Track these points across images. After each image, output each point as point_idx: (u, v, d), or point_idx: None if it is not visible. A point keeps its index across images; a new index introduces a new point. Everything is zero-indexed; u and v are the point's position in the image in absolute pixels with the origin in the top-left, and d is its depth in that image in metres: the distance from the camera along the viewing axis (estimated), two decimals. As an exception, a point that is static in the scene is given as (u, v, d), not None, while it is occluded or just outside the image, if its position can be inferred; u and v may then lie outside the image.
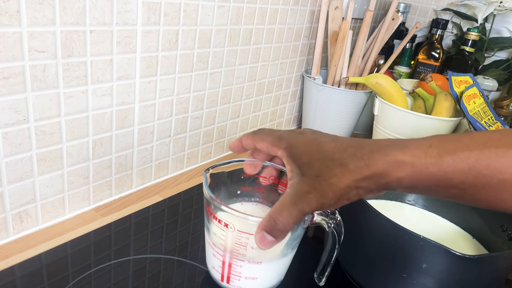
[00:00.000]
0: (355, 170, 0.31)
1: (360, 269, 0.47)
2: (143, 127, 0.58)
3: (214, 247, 0.40)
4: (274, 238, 0.32)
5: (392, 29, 0.86)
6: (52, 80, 0.45)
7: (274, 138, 0.37)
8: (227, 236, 0.38)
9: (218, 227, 0.38)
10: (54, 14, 0.42)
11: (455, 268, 0.39)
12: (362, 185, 0.32)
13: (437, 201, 0.57)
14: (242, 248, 0.38)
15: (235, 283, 0.41)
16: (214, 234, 0.40)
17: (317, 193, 0.31)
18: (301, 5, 0.78)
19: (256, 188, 0.45)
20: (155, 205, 0.59)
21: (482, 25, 1.03)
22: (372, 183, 0.32)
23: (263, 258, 0.39)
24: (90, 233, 0.51)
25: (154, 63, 0.55)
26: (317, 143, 0.35)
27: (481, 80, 0.93)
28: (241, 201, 0.46)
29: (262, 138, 0.38)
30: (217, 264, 0.41)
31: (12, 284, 0.42)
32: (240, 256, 0.39)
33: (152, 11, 0.52)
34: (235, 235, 0.37)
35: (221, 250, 0.40)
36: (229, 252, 0.39)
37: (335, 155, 0.33)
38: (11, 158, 0.44)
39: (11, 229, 0.48)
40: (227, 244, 0.39)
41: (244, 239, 0.37)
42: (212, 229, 0.40)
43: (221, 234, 0.38)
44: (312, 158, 0.33)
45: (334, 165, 0.32)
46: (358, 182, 0.32)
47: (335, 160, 0.32)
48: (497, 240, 0.49)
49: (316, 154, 0.34)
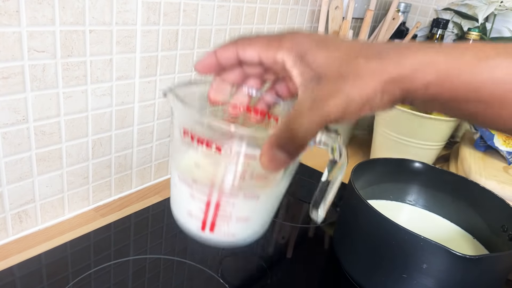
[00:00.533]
0: (383, 70, 0.26)
1: (360, 269, 0.47)
2: (142, 127, 0.58)
3: (193, 185, 0.31)
4: (288, 155, 0.25)
5: (392, 29, 0.86)
6: (52, 80, 0.45)
7: (270, 38, 0.29)
8: (219, 164, 0.29)
9: (205, 156, 0.29)
10: (54, 14, 0.42)
11: (455, 269, 0.39)
12: (389, 88, 0.26)
13: (438, 201, 0.57)
14: (238, 179, 0.29)
15: (221, 229, 0.31)
16: (196, 166, 0.31)
17: (341, 96, 0.25)
18: (301, 4, 0.78)
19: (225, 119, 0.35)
20: (155, 205, 0.58)
21: (483, 25, 1.02)
22: (397, 88, 0.26)
23: (262, 190, 0.31)
24: (90, 233, 0.50)
25: (153, 63, 0.55)
26: (331, 41, 0.28)
27: (481, 80, 0.92)
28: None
29: (250, 41, 0.29)
30: (197, 207, 0.31)
31: (11, 285, 0.42)
32: (234, 191, 0.30)
33: (151, 10, 0.52)
34: (230, 162, 0.29)
35: (205, 186, 0.30)
36: (219, 188, 0.30)
37: (359, 52, 0.27)
38: (11, 158, 0.44)
39: (10, 229, 0.48)
40: (216, 177, 0.30)
41: (243, 166, 0.29)
42: (192, 160, 0.31)
43: (208, 164, 0.30)
44: (330, 57, 0.27)
45: (358, 64, 0.26)
46: (385, 84, 0.26)
47: (359, 58, 0.26)
48: (497, 240, 0.49)
49: (334, 52, 0.27)
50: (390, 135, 0.74)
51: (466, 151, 0.72)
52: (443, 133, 0.72)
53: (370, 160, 0.55)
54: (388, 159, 0.57)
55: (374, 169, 0.56)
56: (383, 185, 0.58)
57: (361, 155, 0.88)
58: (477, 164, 0.67)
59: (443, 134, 0.72)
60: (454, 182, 0.55)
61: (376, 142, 0.79)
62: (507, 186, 0.60)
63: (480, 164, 0.67)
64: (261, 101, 0.33)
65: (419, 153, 0.73)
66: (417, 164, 0.57)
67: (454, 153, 0.79)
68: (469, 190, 0.54)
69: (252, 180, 0.30)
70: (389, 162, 0.57)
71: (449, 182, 0.56)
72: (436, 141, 0.72)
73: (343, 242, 0.49)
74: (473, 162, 0.66)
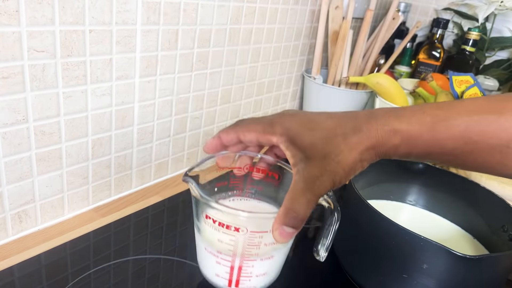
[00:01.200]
0: (359, 143, 0.32)
1: (361, 270, 0.47)
2: (142, 127, 0.58)
3: (218, 255, 0.38)
4: (294, 229, 0.31)
5: (392, 29, 0.86)
6: (51, 79, 0.45)
7: (264, 125, 0.34)
8: (238, 240, 0.36)
9: (226, 234, 0.36)
10: (53, 14, 0.42)
11: (456, 269, 0.39)
12: (366, 156, 0.32)
13: (438, 201, 0.57)
14: (254, 248, 0.36)
15: (245, 284, 0.39)
16: (219, 241, 0.37)
17: (328, 173, 0.31)
18: (301, 4, 0.78)
19: (231, 181, 0.43)
20: (155, 205, 0.58)
21: (483, 25, 1.02)
22: (373, 153, 0.33)
23: (275, 251, 0.38)
24: (90, 234, 0.50)
25: (153, 62, 0.55)
26: (314, 122, 0.34)
27: (482, 79, 0.93)
28: (223, 198, 0.44)
29: (249, 128, 0.35)
30: (222, 270, 0.38)
31: (11, 285, 0.42)
32: (253, 256, 0.37)
33: (151, 10, 0.52)
34: (247, 237, 0.35)
35: (229, 256, 0.37)
36: (240, 255, 0.37)
37: (337, 131, 0.32)
38: (10, 158, 0.44)
39: (10, 230, 0.48)
40: (237, 249, 0.36)
41: (258, 238, 0.36)
42: (215, 237, 0.37)
43: (230, 240, 0.36)
44: (314, 138, 0.32)
45: (338, 142, 0.32)
46: (362, 154, 0.32)
47: (338, 136, 0.32)
48: (498, 240, 0.49)
49: (317, 133, 0.33)
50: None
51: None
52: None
53: (370, 160, 0.55)
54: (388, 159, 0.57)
55: (374, 169, 0.55)
56: (383, 185, 0.58)
57: (361, 155, 0.88)
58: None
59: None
60: (454, 182, 0.55)
61: (376, 142, 0.79)
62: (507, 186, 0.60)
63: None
64: (261, 162, 0.41)
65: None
66: (417, 164, 0.57)
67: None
68: (469, 190, 0.54)
69: (266, 247, 0.37)
70: (389, 162, 0.57)
71: (449, 182, 0.56)
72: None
73: (343, 242, 0.49)
74: (473, 162, 0.66)
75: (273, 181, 0.42)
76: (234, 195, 0.45)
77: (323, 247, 0.39)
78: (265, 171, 0.41)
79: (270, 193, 0.44)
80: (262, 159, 0.40)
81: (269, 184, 0.43)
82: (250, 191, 0.45)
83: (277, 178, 0.42)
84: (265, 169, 0.41)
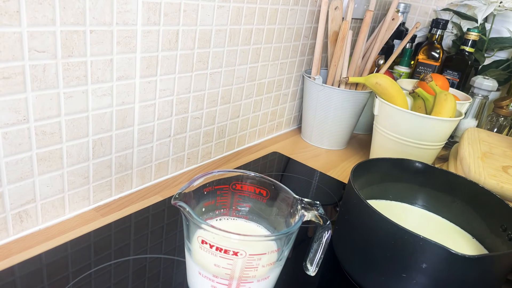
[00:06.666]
0: None
1: (360, 269, 0.47)
2: (143, 127, 0.58)
3: (215, 279, 0.37)
4: None
5: (392, 29, 0.86)
6: (52, 80, 0.45)
7: None
8: (236, 263, 0.35)
9: (223, 258, 0.35)
10: (54, 14, 0.42)
11: (455, 268, 0.39)
12: None
13: (437, 201, 0.57)
14: (252, 270, 0.36)
15: None
16: (216, 266, 0.36)
17: None
18: (301, 5, 0.79)
19: (218, 200, 0.44)
20: (155, 205, 0.59)
21: (482, 25, 1.03)
22: None
23: (271, 272, 0.38)
24: (90, 233, 0.51)
25: (154, 63, 0.55)
26: None
27: (481, 80, 0.93)
28: (211, 218, 0.44)
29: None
30: None
31: (12, 284, 0.42)
32: (250, 278, 0.37)
33: (152, 11, 0.52)
34: (245, 260, 0.35)
35: (226, 280, 0.37)
36: (237, 278, 0.36)
37: None
38: (11, 158, 0.44)
39: (11, 229, 0.48)
40: (235, 272, 0.36)
41: (256, 261, 0.35)
42: (211, 262, 0.36)
43: (227, 264, 0.36)
44: None
45: None
46: None
47: None
48: (497, 240, 0.49)
49: None
50: (390, 135, 0.75)
51: (466, 151, 0.72)
52: (443, 133, 0.72)
53: (369, 160, 0.55)
54: (387, 159, 0.57)
55: (374, 169, 0.56)
56: (383, 185, 0.58)
57: (361, 155, 0.89)
58: (477, 164, 0.67)
59: (442, 134, 0.72)
60: (454, 182, 0.56)
61: (375, 142, 0.79)
62: (506, 186, 0.60)
63: (480, 164, 0.67)
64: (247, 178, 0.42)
65: (419, 153, 0.73)
66: (417, 164, 0.57)
67: (454, 153, 0.79)
68: (468, 190, 0.54)
69: (263, 268, 0.37)
70: (389, 162, 0.57)
71: (448, 182, 0.56)
72: (436, 141, 0.72)
73: (342, 242, 0.50)
74: (473, 162, 0.66)
75: (261, 198, 0.43)
76: (221, 214, 0.44)
77: (314, 262, 0.40)
78: (252, 188, 0.42)
79: (258, 210, 0.44)
80: (247, 176, 0.41)
81: (257, 201, 0.43)
82: (237, 209, 0.45)
83: (265, 194, 0.42)
84: (252, 186, 0.42)
